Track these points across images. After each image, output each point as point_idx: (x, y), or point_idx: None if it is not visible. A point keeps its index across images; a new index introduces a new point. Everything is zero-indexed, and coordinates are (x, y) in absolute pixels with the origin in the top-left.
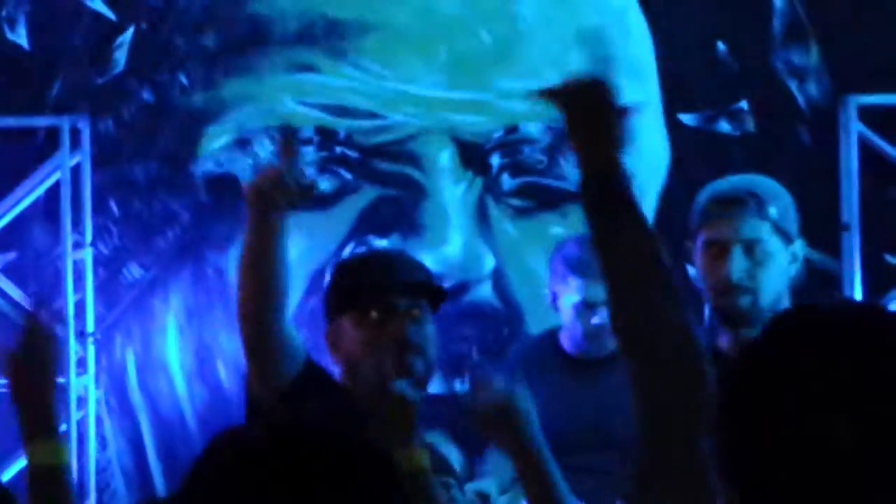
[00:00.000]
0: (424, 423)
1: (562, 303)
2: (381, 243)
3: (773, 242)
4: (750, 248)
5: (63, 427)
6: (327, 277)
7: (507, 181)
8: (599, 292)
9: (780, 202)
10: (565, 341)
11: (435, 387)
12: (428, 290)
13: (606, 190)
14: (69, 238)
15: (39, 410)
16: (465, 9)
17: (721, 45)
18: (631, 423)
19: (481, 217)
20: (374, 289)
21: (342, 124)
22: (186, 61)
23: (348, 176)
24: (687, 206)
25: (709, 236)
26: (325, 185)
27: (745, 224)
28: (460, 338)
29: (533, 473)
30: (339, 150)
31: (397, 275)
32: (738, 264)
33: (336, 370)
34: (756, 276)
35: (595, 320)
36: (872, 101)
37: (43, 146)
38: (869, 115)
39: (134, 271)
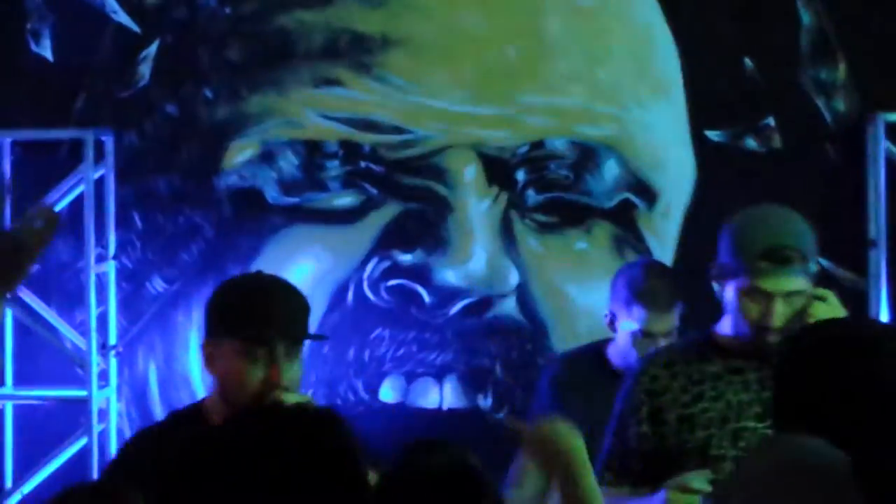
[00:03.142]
0: (448, 437)
1: (620, 326)
2: (405, 258)
3: (807, 287)
4: (790, 298)
5: (84, 440)
6: (349, 294)
7: (532, 196)
8: (662, 325)
9: (813, 248)
10: (615, 358)
11: (458, 402)
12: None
13: None
14: (92, 251)
15: None
16: (490, 24)
17: (748, 62)
18: None
19: (506, 232)
20: (262, 325)
21: (367, 139)
22: (211, 75)
23: (373, 190)
24: (713, 222)
25: (754, 286)
26: (349, 199)
27: (790, 282)
28: (484, 353)
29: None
30: (363, 164)
31: (287, 318)
32: (780, 313)
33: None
34: (789, 318)
35: (651, 350)
36: None
37: (67, 159)
38: None
39: (157, 285)
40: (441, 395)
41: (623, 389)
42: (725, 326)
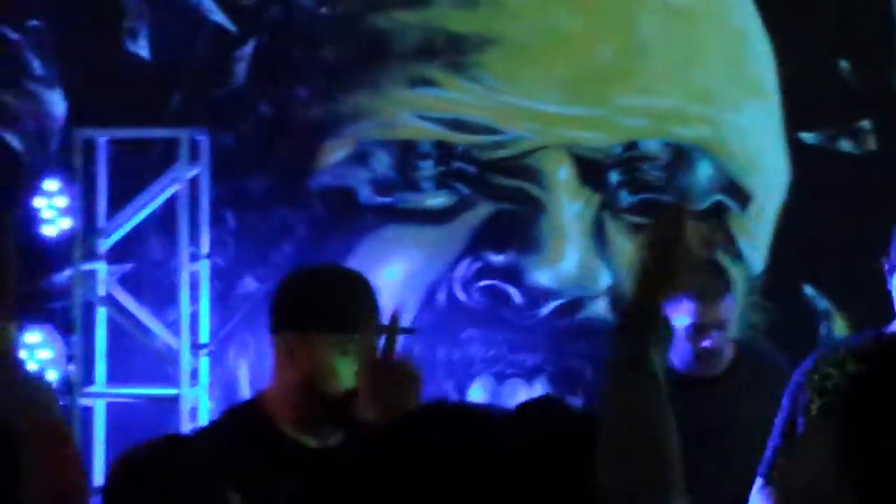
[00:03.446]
0: None
1: (673, 323)
2: (497, 259)
3: None
4: None
5: None
6: (440, 295)
7: (625, 197)
8: (712, 316)
9: None
10: (674, 358)
11: None
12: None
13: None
14: (186, 250)
15: None
16: (584, 24)
17: (844, 64)
18: (737, 442)
19: (598, 233)
20: (355, 319)
21: (460, 139)
22: (306, 75)
23: (465, 191)
24: (806, 225)
25: None
26: (441, 199)
27: None
28: (574, 354)
29: None
30: (456, 164)
31: (373, 312)
32: None
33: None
34: None
35: (706, 343)
36: None
37: (162, 158)
38: None
39: (249, 284)
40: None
41: (790, 388)
42: None
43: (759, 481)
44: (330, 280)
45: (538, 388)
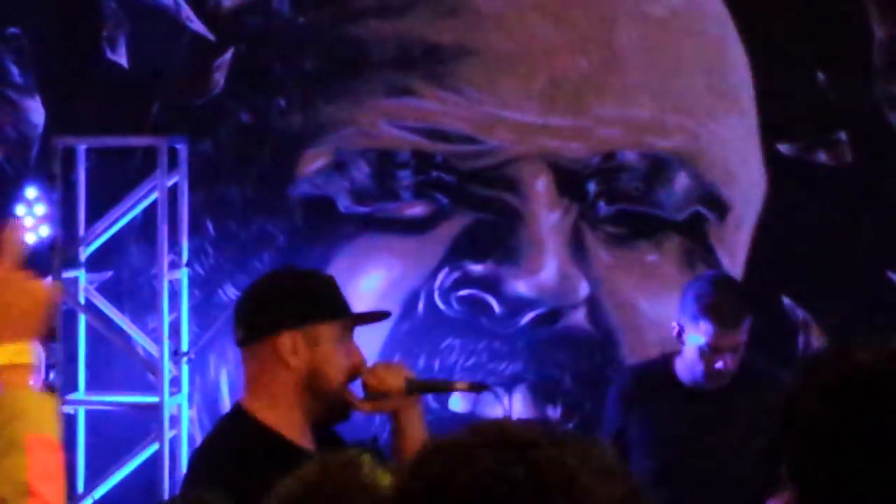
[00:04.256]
0: None
1: (687, 339)
2: (476, 268)
3: None
4: None
5: (156, 446)
6: (420, 304)
7: (602, 208)
8: (728, 340)
9: None
10: (682, 372)
11: (527, 412)
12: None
13: None
14: (165, 258)
15: None
16: (563, 35)
17: (820, 76)
18: (741, 454)
19: (576, 244)
20: (349, 306)
21: (439, 149)
22: (285, 84)
23: (444, 200)
24: (783, 236)
25: None
26: (420, 209)
27: None
28: (553, 364)
29: None
30: (435, 174)
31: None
32: None
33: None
34: None
35: (718, 365)
36: None
37: (141, 166)
38: None
39: (229, 292)
40: (510, 406)
41: None
42: None
43: None
44: (311, 274)
45: (518, 397)
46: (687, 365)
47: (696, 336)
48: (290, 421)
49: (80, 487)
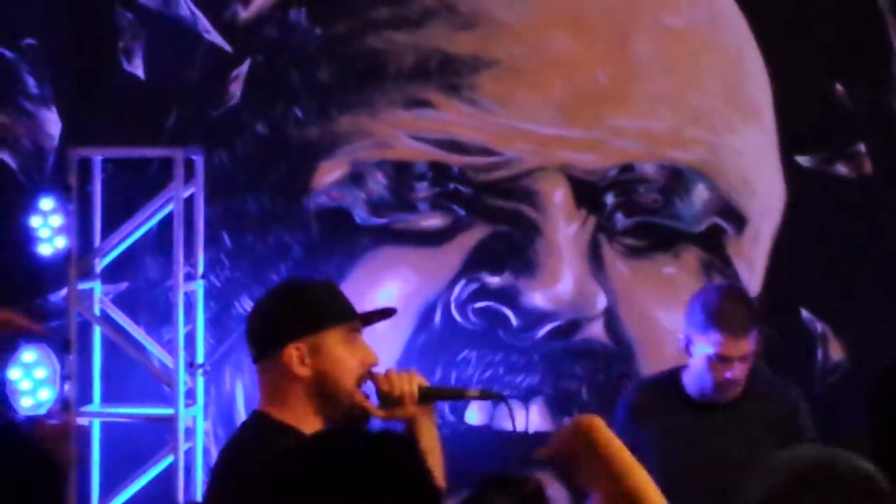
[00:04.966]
0: (532, 462)
1: (695, 350)
2: (493, 280)
3: None
4: None
5: (171, 458)
6: (436, 316)
7: (620, 220)
8: (737, 349)
9: None
10: (690, 384)
11: (543, 424)
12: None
13: None
14: (181, 269)
15: None
16: (580, 46)
17: (839, 87)
18: (750, 467)
19: (594, 256)
20: (353, 308)
21: (456, 160)
22: (302, 95)
23: (461, 212)
24: (802, 248)
25: None
26: (437, 221)
27: None
28: (570, 376)
29: None
30: (452, 185)
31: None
32: None
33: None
34: None
35: (727, 375)
36: None
37: (157, 177)
38: None
39: (245, 304)
40: (527, 418)
41: None
42: None
43: None
44: (309, 283)
45: (534, 410)
46: (695, 376)
47: (705, 346)
48: (309, 425)
49: (95, 500)
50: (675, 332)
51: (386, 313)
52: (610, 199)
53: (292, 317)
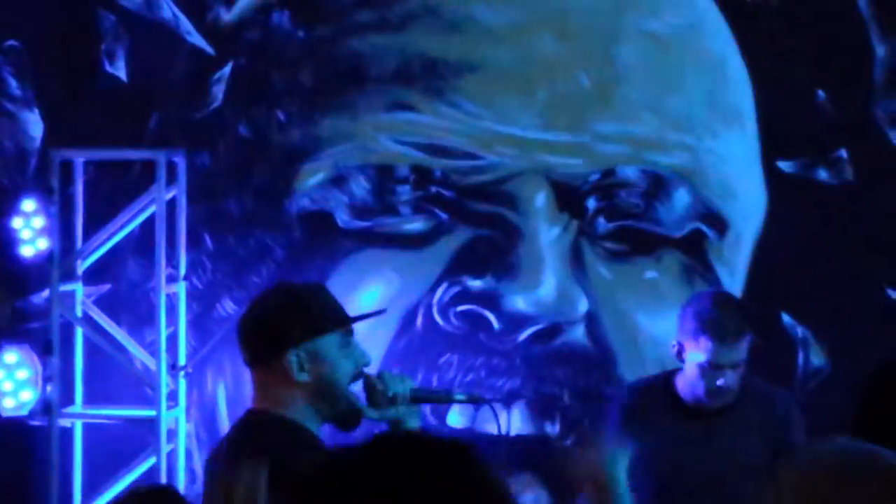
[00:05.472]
0: (514, 464)
1: (687, 357)
2: (475, 284)
3: None
4: None
5: (153, 460)
6: (418, 319)
7: (602, 224)
8: (729, 357)
9: None
10: (683, 390)
11: (525, 428)
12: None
13: None
14: (163, 271)
15: None
16: (563, 51)
17: (821, 94)
18: (743, 472)
19: (576, 260)
20: (346, 312)
21: (438, 164)
22: (284, 98)
23: (443, 216)
24: (783, 253)
25: None
26: (419, 224)
27: None
28: (552, 380)
29: None
30: (434, 189)
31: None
32: None
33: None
34: None
35: (719, 382)
36: None
37: (139, 179)
38: None
39: (227, 306)
40: (508, 422)
41: None
42: None
43: None
44: (305, 289)
45: (516, 413)
46: (688, 383)
47: (697, 353)
48: (306, 422)
49: (77, 501)
50: (656, 335)
51: (376, 314)
52: (592, 203)
53: (291, 324)
